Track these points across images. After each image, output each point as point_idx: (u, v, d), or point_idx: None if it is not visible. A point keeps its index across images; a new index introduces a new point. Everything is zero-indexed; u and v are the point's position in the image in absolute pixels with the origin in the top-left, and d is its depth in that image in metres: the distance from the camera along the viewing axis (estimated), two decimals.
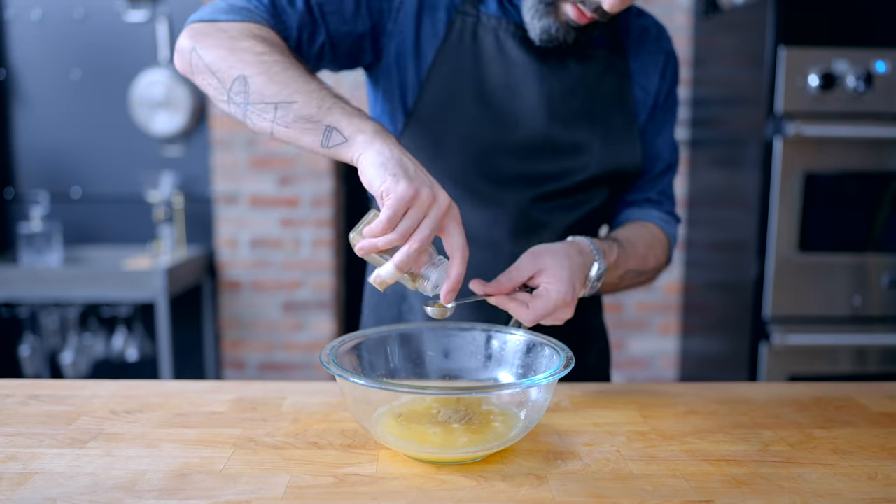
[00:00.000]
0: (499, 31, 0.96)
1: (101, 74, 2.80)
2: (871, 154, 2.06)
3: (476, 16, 0.96)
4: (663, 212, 1.09)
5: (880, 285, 2.11)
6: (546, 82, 0.96)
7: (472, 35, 0.96)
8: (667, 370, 2.90)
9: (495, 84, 0.96)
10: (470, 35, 0.96)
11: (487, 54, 0.96)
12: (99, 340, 2.68)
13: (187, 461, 0.71)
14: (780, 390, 0.95)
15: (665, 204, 1.09)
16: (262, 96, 0.78)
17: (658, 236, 1.05)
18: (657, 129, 1.07)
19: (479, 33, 0.96)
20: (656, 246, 1.03)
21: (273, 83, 0.77)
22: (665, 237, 1.06)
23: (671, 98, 1.07)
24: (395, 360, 0.85)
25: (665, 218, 1.08)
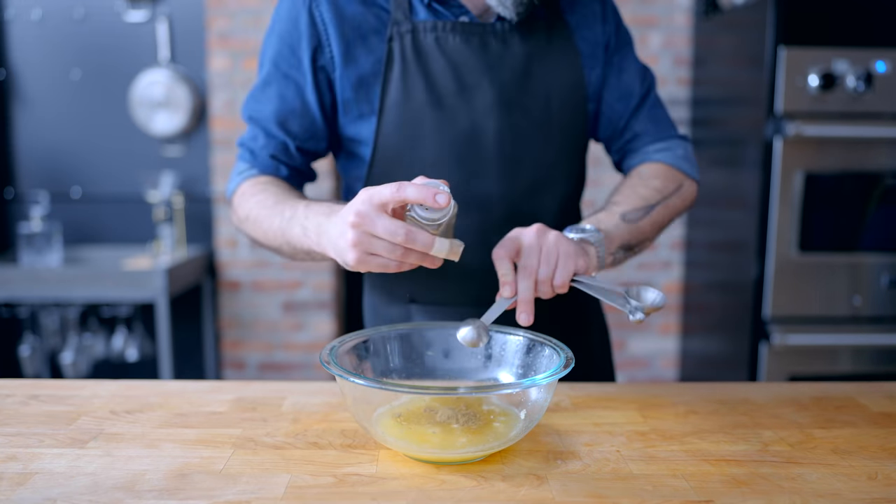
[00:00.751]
0: (437, 34, 0.96)
1: (101, 74, 2.80)
2: (871, 154, 2.06)
3: (411, 25, 0.95)
4: (658, 140, 1.08)
5: (880, 285, 2.11)
6: (496, 73, 0.96)
7: (413, 46, 0.95)
8: (667, 370, 2.90)
9: (449, 90, 0.96)
10: (411, 47, 0.95)
11: (433, 62, 0.95)
12: (99, 340, 2.68)
13: (187, 461, 0.71)
14: (780, 390, 0.95)
15: (656, 131, 1.08)
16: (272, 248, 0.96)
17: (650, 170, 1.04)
18: (618, 67, 1.06)
19: (419, 42, 0.95)
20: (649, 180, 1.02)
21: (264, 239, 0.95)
22: (663, 166, 1.05)
23: (621, 35, 1.07)
24: (395, 360, 0.85)
25: (661, 146, 1.07)
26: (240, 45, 2.68)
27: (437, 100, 0.95)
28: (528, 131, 0.98)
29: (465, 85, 0.96)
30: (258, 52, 1.03)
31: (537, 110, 0.99)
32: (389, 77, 0.95)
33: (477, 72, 0.96)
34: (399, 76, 0.95)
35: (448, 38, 0.96)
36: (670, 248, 2.83)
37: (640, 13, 2.70)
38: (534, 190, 1.00)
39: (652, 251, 2.83)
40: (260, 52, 1.02)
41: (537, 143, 0.99)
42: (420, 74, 0.95)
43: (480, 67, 0.96)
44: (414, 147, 0.96)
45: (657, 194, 1.00)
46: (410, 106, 0.95)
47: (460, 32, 0.96)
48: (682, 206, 1.05)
